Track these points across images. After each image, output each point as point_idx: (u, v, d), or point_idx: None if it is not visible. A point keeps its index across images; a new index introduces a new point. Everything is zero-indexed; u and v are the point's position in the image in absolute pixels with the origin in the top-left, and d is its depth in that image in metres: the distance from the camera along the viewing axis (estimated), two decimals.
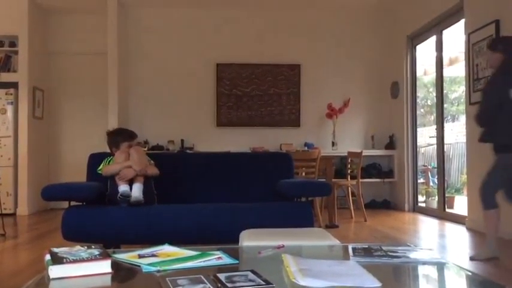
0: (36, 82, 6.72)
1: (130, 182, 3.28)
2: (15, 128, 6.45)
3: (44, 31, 7.04)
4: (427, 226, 5.32)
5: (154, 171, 3.45)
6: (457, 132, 7.83)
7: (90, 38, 7.05)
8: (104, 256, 1.43)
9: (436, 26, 5.93)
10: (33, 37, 6.64)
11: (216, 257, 1.57)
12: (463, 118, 5.63)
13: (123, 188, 3.21)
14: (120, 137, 3.50)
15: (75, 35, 7.11)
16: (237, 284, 1.25)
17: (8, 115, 6.42)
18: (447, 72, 6.46)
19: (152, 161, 3.53)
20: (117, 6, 6.70)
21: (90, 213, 3.16)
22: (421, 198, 6.78)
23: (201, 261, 1.53)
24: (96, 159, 3.56)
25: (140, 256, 1.59)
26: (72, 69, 7.19)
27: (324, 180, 4.99)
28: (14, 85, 6.46)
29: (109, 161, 3.44)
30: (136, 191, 3.22)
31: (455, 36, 5.85)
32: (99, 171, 3.41)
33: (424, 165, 7.78)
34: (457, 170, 8.03)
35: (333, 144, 7.03)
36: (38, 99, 6.77)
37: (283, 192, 3.36)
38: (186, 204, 3.36)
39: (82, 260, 1.39)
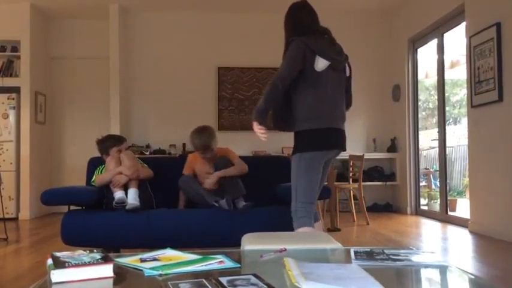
0: (38, 87, 6.73)
1: (126, 188, 3.27)
2: (18, 133, 6.46)
3: (46, 36, 7.06)
4: (430, 229, 5.30)
5: (147, 173, 3.44)
6: (459, 135, 7.82)
7: (92, 42, 7.06)
8: (106, 260, 1.43)
9: (437, 29, 5.94)
10: (35, 42, 6.66)
11: (218, 261, 1.56)
12: (464, 121, 5.63)
13: (118, 195, 3.20)
14: (108, 142, 3.51)
15: (77, 39, 7.13)
16: None
17: (10, 120, 6.44)
18: (448, 75, 6.45)
19: (145, 164, 3.53)
20: (119, 10, 6.72)
21: (89, 217, 3.16)
22: (423, 201, 6.76)
23: (203, 265, 1.52)
24: (95, 164, 3.56)
25: (142, 260, 1.58)
26: (74, 74, 7.20)
27: (325, 183, 4.98)
28: (16, 90, 6.47)
29: (101, 170, 3.43)
30: (132, 197, 3.21)
31: (456, 39, 5.85)
32: (93, 183, 3.41)
33: (426, 168, 7.77)
34: (459, 172, 8.02)
35: None
36: (40, 103, 6.79)
37: (284, 195, 3.36)
38: (187, 208, 3.36)
39: (84, 264, 1.39)
